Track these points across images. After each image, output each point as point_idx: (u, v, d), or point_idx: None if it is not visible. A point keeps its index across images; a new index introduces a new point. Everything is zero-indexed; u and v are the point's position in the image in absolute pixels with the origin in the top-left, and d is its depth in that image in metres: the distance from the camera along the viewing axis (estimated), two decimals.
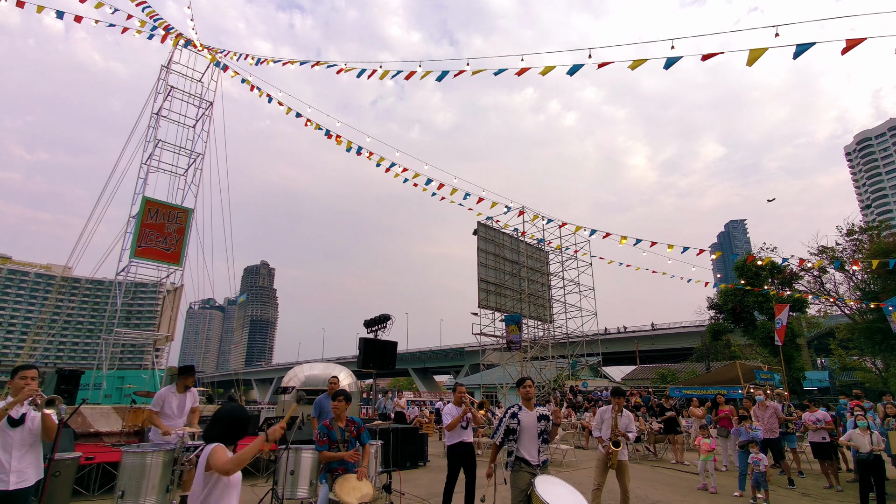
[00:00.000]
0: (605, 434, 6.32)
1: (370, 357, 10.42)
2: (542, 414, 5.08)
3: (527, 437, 4.90)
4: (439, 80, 8.25)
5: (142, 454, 5.24)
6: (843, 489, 8.98)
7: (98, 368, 13.15)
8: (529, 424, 4.94)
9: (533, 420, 4.97)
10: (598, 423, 6.51)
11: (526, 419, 4.94)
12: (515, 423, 4.92)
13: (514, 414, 4.98)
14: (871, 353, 27.83)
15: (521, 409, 5.02)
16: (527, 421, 4.94)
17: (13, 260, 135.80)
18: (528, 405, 5.08)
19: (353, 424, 4.66)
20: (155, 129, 14.66)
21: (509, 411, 5.04)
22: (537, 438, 4.94)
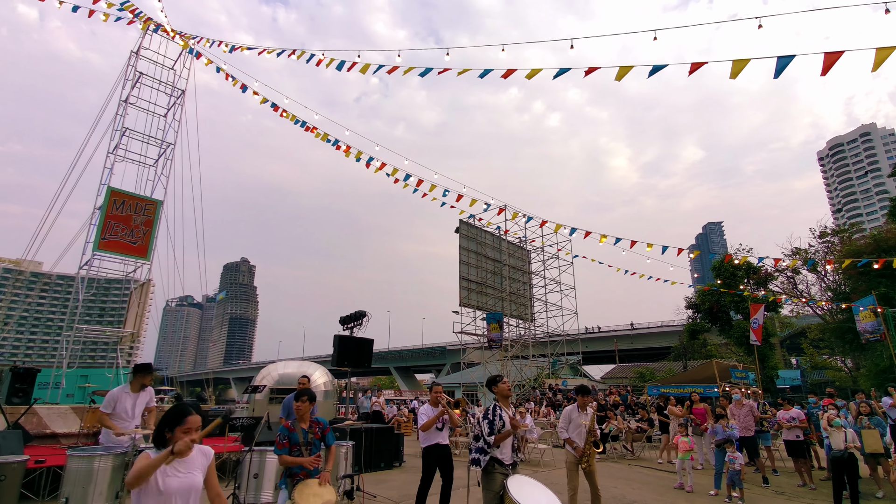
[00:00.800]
0: (574, 435, 6.13)
1: (345, 355, 10.13)
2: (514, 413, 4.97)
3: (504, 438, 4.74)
4: (422, 76, 8.00)
5: (89, 458, 4.88)
6: (817, 487, 9.04)
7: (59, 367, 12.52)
8: (506, 423, 4.78)
9: (508, 420, 4.81)
10: (565, 424, 6.26)
11: (505, 419, 4.79)
12: (501, 424, 4.74)
13: (500, 415, 4.80)
14: (842, 352, 28.55)
15: (501, 408, 4.86)
16: (506, 421, 4.78)
17: None
18: (506, 403, 4.93)
19: (317, 425, 4.38)
20: (122, 116, 14.00)
21: (496, 411, 4.85)
22: (512, 438, 4.80)
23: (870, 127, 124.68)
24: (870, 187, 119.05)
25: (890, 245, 22.44)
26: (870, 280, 22.84)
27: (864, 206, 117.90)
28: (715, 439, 8.88)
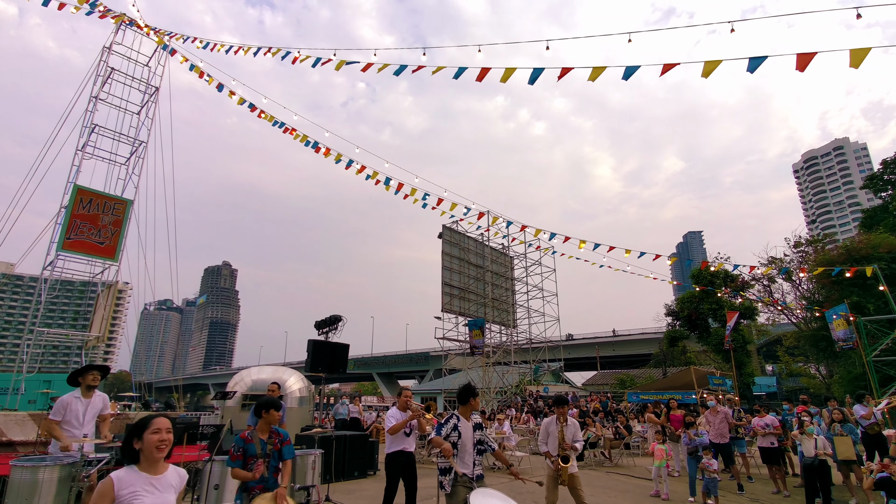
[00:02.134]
0: (552, 448, 5.93)
1: (319, 360, 9.86)
2: (477, 423, 4.80)
3: (464, 451, 4.60)
4: (397, 74, 7.90)
5: (33, 468, 4.58)
6: (791, 494, 9.07)
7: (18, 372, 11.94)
8: (467, 436, 4.66)
9: (470, 431, 4.70)
10: (544, 437, 6.07)
11: (464, 430, 4.65)
12: (456, 437, 4.58)
13: (455, 426, 4.63)
14: (816, 359, 29.13)
15: (460, 419, 4.70)
16: (466, 433, 4.65)
17: None
18: (468, 415, 4.79)
19: (277, 436, 4.15)
20: (92, 113, 13.54)
21: (451, 421, 4.68)
22: (473, 450, 4.65)
23: (843, 141, 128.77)
24: (843, 199, 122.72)
25: (861, 255, 22.99)
26: (842, 289, 23.36)
27: (837, 218, 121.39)
28: (687, 447, 8.88)
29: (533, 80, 6.43)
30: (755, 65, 5.23)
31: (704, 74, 5.58)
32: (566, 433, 5.90)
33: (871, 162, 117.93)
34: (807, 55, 4.90)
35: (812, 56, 4.90)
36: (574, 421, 6.13)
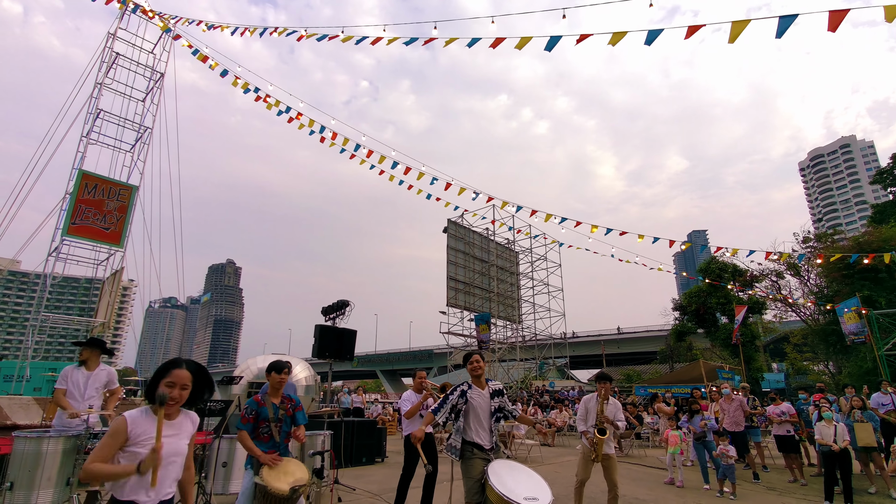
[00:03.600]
0: (591, 424, 5.71)
1: (326, 346, 9.69)
2: (496, 390, 4.50)
3: (476, 419, 4.33)
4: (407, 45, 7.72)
5: (37, 440, 4.45)
6: (808, 483, 8.87)
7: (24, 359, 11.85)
8: (481, 405, 4.37)
9: (485, 399, 4.41)
10: (583, 415, 5.84)
11: (476, 399, 4.37)
12: (462, 403, 4.33)
13: (463, 392, 4.38)
14: (825, 355, 28.79)
15: (472, 387, 4.44)
16: (478, 401, 4.37)
17: None
18: (479, 383, 4.48)
19: (289, 402, 4.01)
20: (97, 99, 13.46)
21: (459, 388, 4.45)
22: (490, 419, 4.38)
23: (849, 139, 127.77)
24: (849, 197, 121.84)
25: (872, 248, 22.69)
26: (853, 283, 23.07)
27: (843, 216, 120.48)
28: (694, 433, 8.72)
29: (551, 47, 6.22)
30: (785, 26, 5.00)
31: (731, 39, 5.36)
32: (607, 409, 5.70)
33: (878, 160, 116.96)
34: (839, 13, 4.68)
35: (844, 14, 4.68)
36: (616, 401, 5.89)
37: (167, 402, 2.34)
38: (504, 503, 3.75)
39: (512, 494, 3.77)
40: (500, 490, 3.80)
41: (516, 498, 3.75)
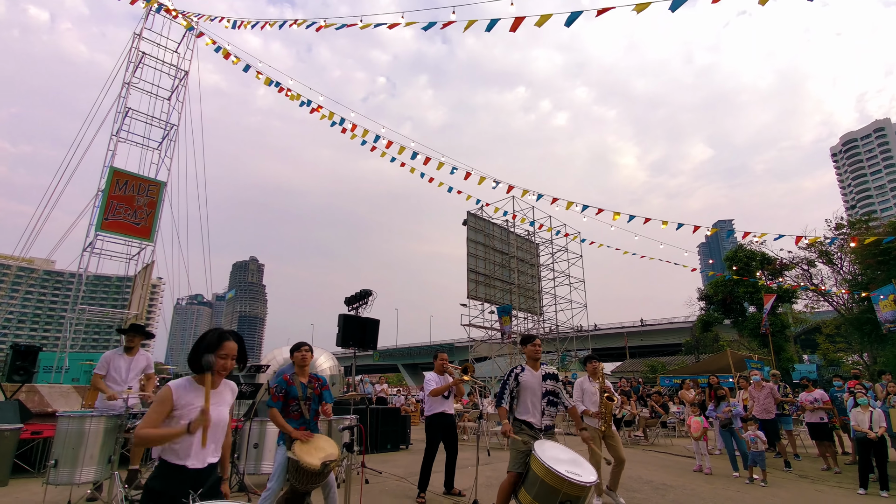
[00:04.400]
0: (589, 404, 5.97)
1: (350, 335, 9.84)
2: (549, 373, 4.64)
3: (528, 399, 4.48)
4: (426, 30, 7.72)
5: (79, 419, 4.65)
6: (842, 471, 8.64)
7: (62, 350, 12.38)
8: (531, 385, 4.52)
9: (537, 380, 4.54)
10: (579, 396, 6.10)
11: (527, 379, 4.52)
12: (514, 384, 4.52)
13: (515, 375, 4.57)
14: (860, 345, 27.83)
15: (525, 369, 4.61)
16: (529, 381, 4.52)
17: None
18: (534, 365, 4.65)
19: (316, 381, 4.12)
20: (125, 98, 13.90)
21: (513, 372, 4.65)
22: (541, 400, 4.50)
23: (884, 122, 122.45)
24: (884, 183, 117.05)
25: None
26: (889, 269, 22.23)
27: (878, 203, 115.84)
28: (720, 419, 8.60)
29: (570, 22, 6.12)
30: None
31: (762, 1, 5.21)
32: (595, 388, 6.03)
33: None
34: None
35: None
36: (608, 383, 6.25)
37: (219, 373, 2.44)
38: (548, 473, 3.79)
39: (557, 467, 3.80)
40: (545, 461, 3.83)
41: (560, 469, 3.78)
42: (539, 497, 3.85)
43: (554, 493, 3.79)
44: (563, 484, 3.75)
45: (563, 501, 3.81)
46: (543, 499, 3.83)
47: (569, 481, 3.75)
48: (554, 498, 3.80)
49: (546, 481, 3.81)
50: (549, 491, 3.80)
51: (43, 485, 4.65)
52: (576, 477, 3.77)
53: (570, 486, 3.76)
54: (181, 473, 2.24)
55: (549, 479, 3.79)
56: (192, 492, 2.22)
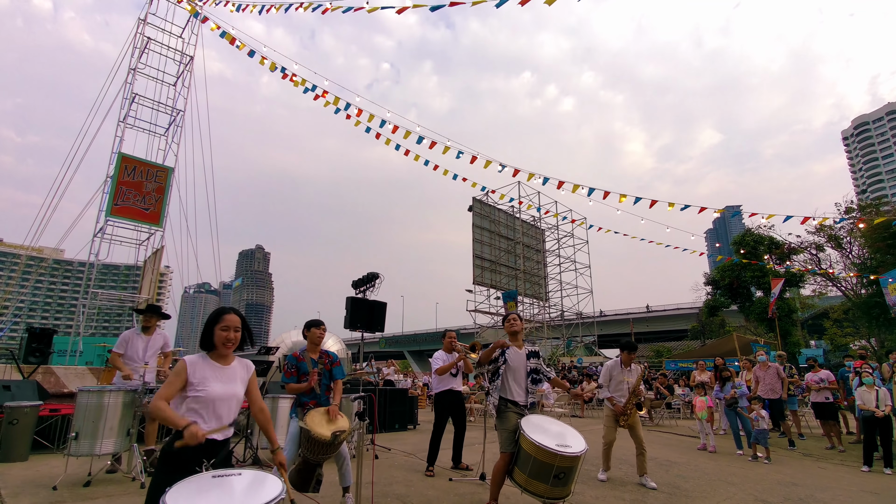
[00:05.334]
0: (615, 393, 5.91)
1: (358, 317, 9.94)
2: (532, 351, 4.63)
3: (513, 377, 4.46)
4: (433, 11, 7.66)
5: (98, 393, 4.80)
6: (846, 450, 8.71)
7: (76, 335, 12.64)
8: (517, 363, 4.50)
9: (521, 358, 4.53)
10: (605, 380, 6.01)
11: (513, 357, 4.49)
12: (502, 362, 4.47)
13: (502, 351, 4.51)
14: (868, 329, 27.72)
15: (509, 347, 4.56)
16: (514, 360, 4.49)
17: (4, 242, 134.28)
18: (517, 342, 4.60)
19: (327, 357, 4.22)
20: (132, 84, 13.94)
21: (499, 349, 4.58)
22: (525, 378, 4.51)
23: None
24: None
25: None
26: None
27: (889, 187, 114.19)
28: (725, 398, 8.67)
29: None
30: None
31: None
32: (629, 376, 5.90)
33: None
34: None
35: None
36: (637, 367, 6.07)
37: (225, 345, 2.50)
38: (538, 450, 3.87)
39: (545, 442, 3.88)
40: (534, 438, 3.91)
41: (549, 445, 3.87)
42: (533, 474, 3.90)
43: (547, 468, 3.86)
44: (556, 458, 3.82)
45: (557, 474, 3.90)
46: (537, 475, 3.89)
47: (560, 455, 3.82)
48: (548, 473, 3.86)
49: (538, 458, 3.87)
50: (542, 466, 3.86)
51: (65, 456, 4.80)
52: (566, 450, 3.84)
53: (561, 458, 3.83)
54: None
55: (540, 455, 3.86)
56: (205, 460, 2.31)
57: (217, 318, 2.55)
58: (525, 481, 3.97)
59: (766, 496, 5.31)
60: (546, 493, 3.95)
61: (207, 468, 2.27)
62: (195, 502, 1.82)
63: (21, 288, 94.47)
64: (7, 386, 6.66)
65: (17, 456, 5.76)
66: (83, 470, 5.07)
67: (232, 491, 1.98)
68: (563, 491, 4.02)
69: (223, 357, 2.55)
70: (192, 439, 2.18)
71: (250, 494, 1.93)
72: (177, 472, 2.13)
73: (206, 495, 1.91)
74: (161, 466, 2.27)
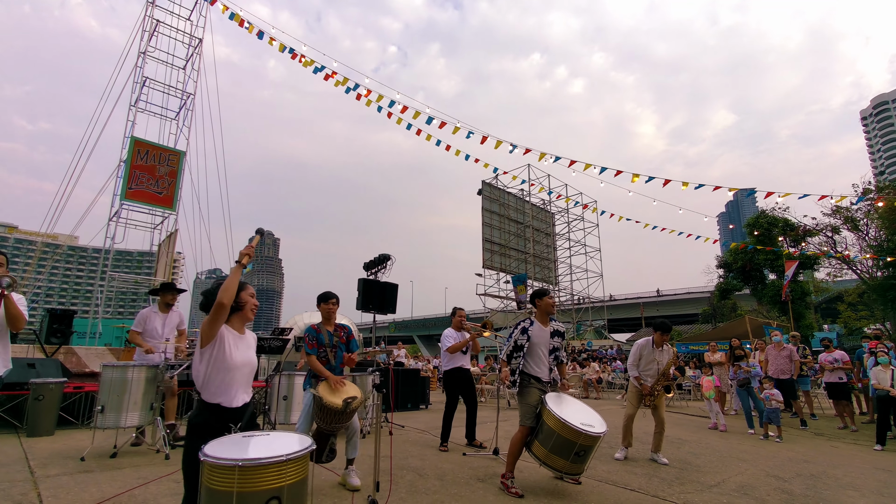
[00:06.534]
0: (644, 373, 5.91)
1: (370, 298, 10.04)
2: (557, 329, 4.64)
3: (536, 353, 4.46)
4: None
5: (122, 368, 4.93)
6: (859, 429, 8.70)
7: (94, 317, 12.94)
8: (541, 340, 4.49)
9: (546, 336, 4.53)
10: (635, 360, 5.98)
11: (537, 334, 4.49)
12: (525, 339, 4.46)
13: (524, 329, 4.51)
14: (883, 312, 27.38)
15: (534, 323, 4.56)
16: (538, 336, 4.49)
17: (20, 229, 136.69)
18: (544, 320, 4.59)
19: (342, 330, 4.30)
20: (142, 68, 13.98)
21: (520, 325, 4.59)
22: (548, 356, 4.52)
23: None
24: None
25: None
26: None
27: None
28: (738, 378, 8.67)
29: None
30: None
31: None
32: (661, 357, 5.89)
33: None
34: None
35: None
36: (669, 348, 6.03)
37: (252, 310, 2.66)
38: (563, 427, 3.95)
39: (571, 420, 3.96)
40: (559, 414, 3.98)
41: (574, 422, 3.94)
42: (554, 450, 4.00)
43: (569, 445, 3.96)
44: (579, 436, 3.92)
45: (578, 451, 3.99)
46: (559, 451, 3.99)
47: (585, 433, 3.91)
48: (569, 449, 3.97)
49: (562, 435, 3.96)
50: (564, 443, 3.97)
51: (91, 429, 4.96)
52: (590, 429, 3.95)
53: (585, 437, 3.93)
54: (219, 410, 2.44)
55: (564, 432, 3.95)
56: (232, 425, 2.41)
57: (242, 286, 2.66)
58: (545, 455, 4.07)
59: (778, 472, 5.34)
60: (564, 468, 4.06)
61: (235, 431, 2.36)
62: (234, 450, 1.93)
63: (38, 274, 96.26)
64: (32, 364, 6.86)
65: (44, 430, 5.96)
66: (108, 443, 5.24)
67: (267, 443, 2.09)
68: (580, 467, 4.12)
69: (243, 323, 2.69)
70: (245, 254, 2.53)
71: (284, 445, 2.04)
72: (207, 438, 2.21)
73: (242, 446, 2.02)
74: (191, 436, 2.37)
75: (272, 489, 1.83)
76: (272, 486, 1.83)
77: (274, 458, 1.87)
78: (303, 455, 1.99)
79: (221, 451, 1.92)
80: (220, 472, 1.82)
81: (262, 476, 1.83)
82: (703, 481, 4.79)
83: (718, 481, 4.81)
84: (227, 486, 1.78)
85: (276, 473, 1.86)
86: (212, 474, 1.85)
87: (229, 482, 1.79)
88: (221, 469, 1.82)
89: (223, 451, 1.91)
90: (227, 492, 1.78)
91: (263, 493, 1.81)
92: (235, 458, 1.82)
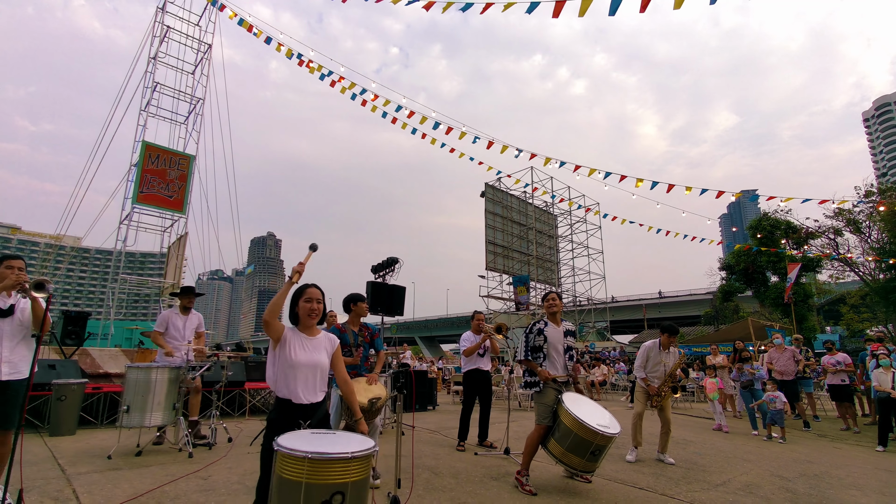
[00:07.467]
0: (651, 374, 6.03)
1: (378, 301, 10.21)
2: (569, 329, 4.78)
3: (553, 354, 4.61)
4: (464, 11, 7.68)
5: (146, 369, 5.09)
6: (861, 431, 8.82)
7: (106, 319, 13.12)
8: (556, 340, 4.64)
9: (559, 335, 4.67)
10: (642, 362, 6.09)
11: (552, 334, 4.63)
12: (542, 340, 4.60)
13: (540, 330, 4.64)
14: (885, 314, 27.44)
15: (548, 324, 4.70)
16: (553, 336, 4.63)
17: (23, 230, 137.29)
18: (555, 320, 4.74)
19: (366, 330, 4.46)
20: (153, 73, 14.21)
21: (535, 327, 4.72)
22: (563, 355, 4.66)
23: None
24: None
25: None
26: None
27: None
28: (741, 380, 8.81)
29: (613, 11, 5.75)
30: None
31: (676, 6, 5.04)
32: (667, 358, 6.00)
33: None
34: None
35: None
36: (676, 350, 6.16)
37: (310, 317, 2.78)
38: (580, 426, 4.09)
39: (588, 420, 4.10)
40: (576, 414, 4.13)
41: (591, 422, 4.08)
42: (571, 448, 4.16)
43: (585, 444, 4.12)
44: (596, 436, 4.07)
45: (594, 451, 4.14)
46: (575, 449, 4.15)
47: (601, 434, 4.06)
48: (585, 448, 4.12)
49: (579, 434, 4.11)
50: (581, 443, 4.12)
51: (117, 428, 5.12)
52: (606, 430, 4.10)
53: (602, 437, 4.09)
54: (289, 406, 2.63)
55: (581, 432, 4.10)
56: (301, 421, 2.60)
57: (301, 293, 2.83)
58: (561, 453, 4.21)
59: (782, 472, 5.47)
60: (580, 466, 4.21)
61: (304, 428, 2.55)
62: (305, 444, 2.10)
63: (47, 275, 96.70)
64: (52, 365, 7.03)
65: (66, 430, 6.12)
66: (132, 442, 5.40)
67: (334, 440, 2.26)
68: (594, 465, 4.28)
69: (308, 328, 2.81)
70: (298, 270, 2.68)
71: (351, 443, 2.20)
72: (278, 432, 2.40)
73: (311, 441, 2.19)
74: (268, 429, 2.60)
75: (338, 484, 1.98)
76: (338, 482, 1.98)
77: (341, 454, 2.02)
78: (367, 454, 2.12)
79: (293, 443, 2.10)
80: (292, 462, 1.99)
81: (330, 470, 1.98)
82: (710, 480, 4.93)
83: (724, 480, 4.95)
84: (298, 476, 1.95)
85: (342, 469, 2.00)
86: (284, 464, 2.02)
87: (299, 472, 1.96)
88: (292, 459, 1.99)
89: (295, 444, 2.08)
90: (297, 482, 1.95)
91: (330, 486, 1.96)
92: (306, 451, 1.99)
